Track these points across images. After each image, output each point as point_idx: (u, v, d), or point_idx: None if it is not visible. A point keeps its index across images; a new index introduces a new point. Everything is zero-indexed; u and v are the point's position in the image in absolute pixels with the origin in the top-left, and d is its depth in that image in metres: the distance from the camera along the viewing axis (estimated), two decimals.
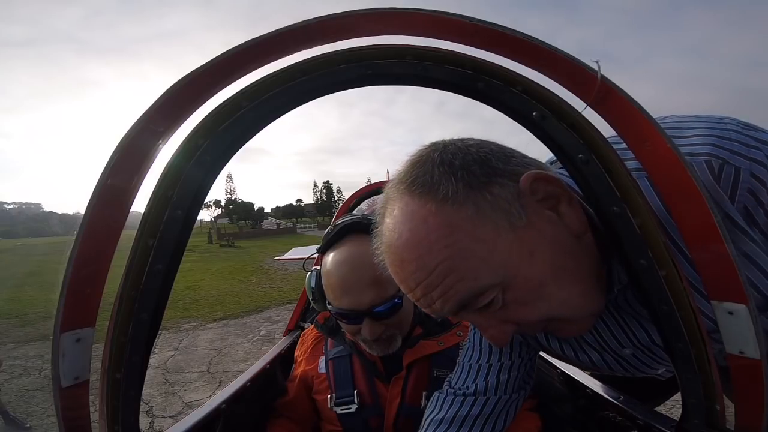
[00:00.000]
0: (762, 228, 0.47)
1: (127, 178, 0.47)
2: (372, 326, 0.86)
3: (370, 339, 0.88)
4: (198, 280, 11.43)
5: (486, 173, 0.46)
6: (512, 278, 0.46)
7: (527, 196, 0.46)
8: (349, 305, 0.84)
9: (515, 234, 0.45)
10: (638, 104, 0.43)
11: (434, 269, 0.45)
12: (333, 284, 0.86)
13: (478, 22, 0.43)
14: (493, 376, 0.74)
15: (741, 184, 0.46)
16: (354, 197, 1.78)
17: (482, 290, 0.46)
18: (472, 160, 0.46)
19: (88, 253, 0.47)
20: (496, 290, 0.47)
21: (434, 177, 0.46)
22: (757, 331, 0.42)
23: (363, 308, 0.84)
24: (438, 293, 0.47)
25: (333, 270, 0.86)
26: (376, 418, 0.93)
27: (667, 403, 2.87)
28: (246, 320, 6.56)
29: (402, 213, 0.47)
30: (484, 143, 0.50)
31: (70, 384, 0.48)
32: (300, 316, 1.63)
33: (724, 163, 0.46)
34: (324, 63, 0.47)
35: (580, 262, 0.49)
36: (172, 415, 3.43)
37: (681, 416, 0.55)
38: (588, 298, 0.51)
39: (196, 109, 0.47)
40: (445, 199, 0.45)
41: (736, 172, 0.46)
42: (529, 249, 0.46)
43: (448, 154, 0.47)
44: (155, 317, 0.52)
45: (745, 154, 0.46)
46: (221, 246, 28.72)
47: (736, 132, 0.48)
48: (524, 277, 0.46)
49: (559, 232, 0.47)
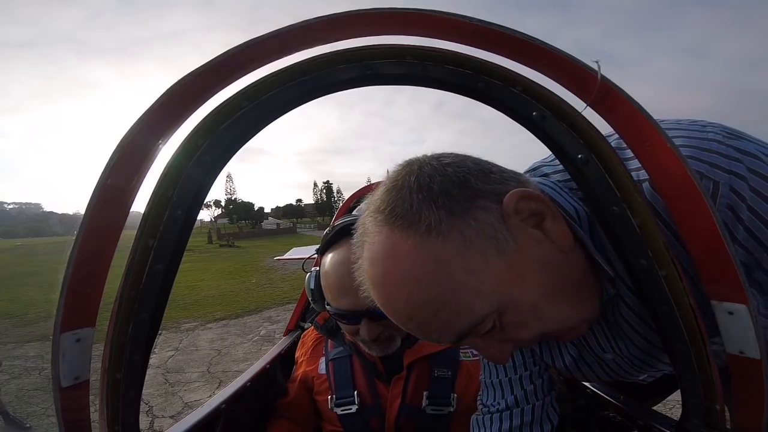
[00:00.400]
0: (742, 244, 0.45)
1: (127, 178, 0.47)
2: (370, 326, 0.86)
3: (368, 339, 0.88)
4: (198, 280, 11.44)
5: (466, 197, 0.44)
6: (506, 304, 0.45)
7: (512, 217, 0.44)
8: (347, 306, 0.85)
9: (504, 259, 0.43)
10: (638, 104, 0.43)
11: (426, 305, 0.44)
12: (331, 285, 0.86)
13: (478, 22, 0.43)
14: (519, 389, 0.74)
15: (720, 199, 0.44)
16: (354, 197, 1.78)
17: (479, 321, 0.45)
18: (450, 183, 0.44)
19: (88, 253, 0.47)
20: (492, 317, 0.45)
21: (413, 206, 0.43)
22: (757, 331, 0.42)
23: (361, 309, 0.83)
24: (434, 327, 0.46)
25: (331, 271, 0.87)
26: (376, 419, 0.93)
27: (667, 403, 2.88)
28: (246, 320, 6.56)
29: (383, 247, 0.45)
30: (460, 160, 0.47)
31: (70, 384, 0.48)
32: (300, 316, 1.63)
33: (702, 177, 0.44)
34: (324, 63, 0.47)
35: (570, 276, 0.48)
36: (172, 415, 3.43)
37: (681, 416, 0.55)
38: (581, 309, 0.50)
39: (196, 109, 0.47)
40: (428, 230, 0.42)
41: (715, 186, 0.44)
42: (520, 272, 0.44)
43: (425, 176, 0.45)
44: (155, 317, 0.52)
45: (725, 167, 0.44)
46: (221, 246, 28.73)
47: (717, 142, 0.46)
48: (518, 301, 0.45)
49: (546, 250, 0.46)
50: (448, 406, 0.91)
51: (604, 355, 0.61)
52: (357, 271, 0.50)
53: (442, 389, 0.93)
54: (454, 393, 0.93)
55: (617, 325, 0.56)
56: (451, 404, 0.91)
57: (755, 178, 0.44)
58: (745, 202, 0.44)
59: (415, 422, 0.92)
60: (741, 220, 0.45)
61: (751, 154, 0.45)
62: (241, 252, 23.21)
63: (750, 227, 0.45)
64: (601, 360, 0.63)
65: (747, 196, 0.44)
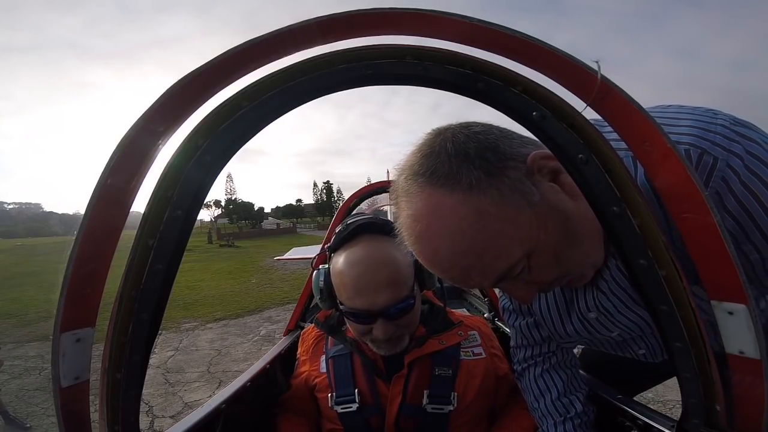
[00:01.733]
0: (732, 213, 0.51)
1: (127, 178, 0.47)
2: (385, 326, 0.85)
3: (382, 339, 0.87)
4: (198, 280, 11.44)
5: (499, 159, 0.50)
6: (535, 248, 0.52)
7: (535, 174, 0.51)
8: (363, 305, 0.84)
9: (532, 209, 0.50)
10: (638, 104, 0.43)
11: (469, 252, 0.51)
12: (347, 284, 0.85)
13: (478, 22, 0.43)
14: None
15: (716, 172, 0.50)
16: (354, 197, 1.78)
17: (514, 263, 0.52)
18: (483, 148, 0.50)
19: (88, 253, 0.47)
20: (524, 260, 0.53)
21: (453, 167, 0.49)
22: (757, 331, 0.43)
23: (377, 309, 0.83)
24: (476, 271, 0.53)
25: (347, 269, 0.85)
26: (376, 417, 0.93)
27: (667, 403, 2.88)
28: (246, 320, 6.56)
29: (428, 204, 0.51)
30: (487, 128, 0.53)
31: (70, 384, 0.48)
32: (300, 315, 1.63)
33: (703, 152, 0.50)
34: (324, 63, 0.47)
35: (582, 222, 0.54)
36: (172, 415, 3.43)
37: (681, 416, 0.55)
38: (592, 252, 0.58)
39: (196, 109, 0.47)
40: (470, 187, 0.49)
41: (714, 161, 0.50)
42: (544, 220, 0.51)
43: (459, 143, 0.51)
44: (155, 317, 0.52)
45: (725, 147, 0.50)
46: (221, 246, 28.72)
47: (723, 126, 0.52)
48: (544, 245, 0.52)
49: (562, 200, 0.53)
50: (449, 404, 0.91)
51: (588, 314, 0.70)
52: (399, 230, 0.56)
53: (442, 388, 0.93)
54: (454, 392, 0.93)
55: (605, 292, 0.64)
56: (451, 403, 0.91)
57: (752, 159, 0.50)
58: (739, 177, 0.50)
59: (416, 421, 0.92)
60: (732, 192, 0.50)
61: (751, 140, 0.51)
62: (241, 252, 23.22)
63: (741, 199, 0.50)
64: (585, 320, 0.72)
65: (741, 173, 0.50)
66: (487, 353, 1.01)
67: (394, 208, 0.57)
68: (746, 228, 0.52)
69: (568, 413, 0.84)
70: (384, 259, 0.84)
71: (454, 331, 1.00)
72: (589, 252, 0.58)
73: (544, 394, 0.88)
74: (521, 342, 0.91)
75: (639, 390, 1.26)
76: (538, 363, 0.90)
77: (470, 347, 1.01)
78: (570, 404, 0.85)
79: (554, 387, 0.87)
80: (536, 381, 0.89)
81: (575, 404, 0.85)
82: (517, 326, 0.89)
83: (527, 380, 0.91)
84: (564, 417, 0.84)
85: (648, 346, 0.76)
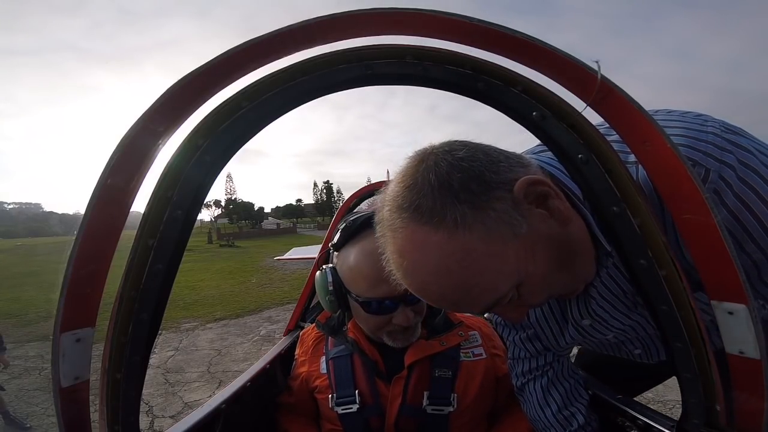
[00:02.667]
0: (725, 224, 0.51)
1: (127, 178, 0.47)
2: (406, 312, 0.88)
3: (403, 326, 0.89)
4: (198, 280, 11.43)
5: (484, 190, 0.48)
6: (523, 278, 0.51)
7: (522, 202, 0.49)
8: (385, 293, 0.85)
9: (519, 241, 0.49)
10: (638, 104, 0.43)
11: (457, 288, 0.50)
12: (366, 274, 0.86)
13: (478, 22, 0.43)
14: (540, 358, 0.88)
15: (708, 184, 0.49)
16: (354, 197, 1.78)
17: (502, 296, 0.52)
18: (468, 179, 0.48)
19: (88, 253, 0.47)
20: (513, 291, 0.52)
21: (437, 203, 0.47)
22: (757, 331, 0.43)
23: (399, 294, 0.85)
24: (465, 304, 0.53)
25: (364, 260, 0.86)
26: (377, 418, 0.93)
27: (667, 403, 2.87)
28: (246, 320, 6.56)
29: (413, 242, 0.50)
30: (472, 153, 0.50)
31: (70, 384, 0.48)
32: (300, 315, 1.63)
33: (695, 164, 0.49)
34: (324, 63, 0.47)
35: (571, 246, 0.53)
36: (172, 415, 3.43)
37: (681, 416, 0.55)
38: (582, 272, 0.58)
39: (196, 109, 0.47)
40: (455, 224, 0.47)
41: (706, 172, 0.49)
42: (532, 250, 0.50)
43: (442, 173, 0.48)
44: (155, 317, 0.52)
45: (717, 157, 0.49)
46: (221, 246, 28.71)
47: (714, 135, 0.50)
48: (532, 275, 0.51)
49: (551, 226, 0.51)
50: (449, 405, 0.91)
51: (582, 321, 0.70)
52: (386, 262, 0.56)
53: (442, 389, 0.93)
54: (454, 393, 0.93)
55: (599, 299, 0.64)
56: (451, 404, 0.91)
57: (744, 169, 0.49)
58: (732, 189, 0.49)
59: (416, 422, 0.92)
60: (725, 204, 0.49)
61: (743, 148, 0.50)
62: (241, 252, 23.22)
63: (734, 210, 0.49)
64: (580, 326, 0.71)
65: (734, 183, 0.49)
66: (487, 354, 1.01)
67: (380, 240, 0.56)
68: (739, 239, 0.51)
69: (570, 426, 0.84)
70: None
71: (454, 332, 1.00)
72: (579, 272, 0.58)
73: (544, 409, 0.87)
74: (519, 354, 0.90)
75: (639, 390, 1.26)
76: (537, 377, 0.89)
77: (470, 348, 1.01)
78: (572, 416, 0.85)
79: (554, 401, 0.86)
80: (536, 395, 0.89)
81: (577, 417, 0.84)
82: (514, 340, 0.89)
83: (527, 394, 0.90)
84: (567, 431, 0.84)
85: (644, 346, 0.76)
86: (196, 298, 8.66)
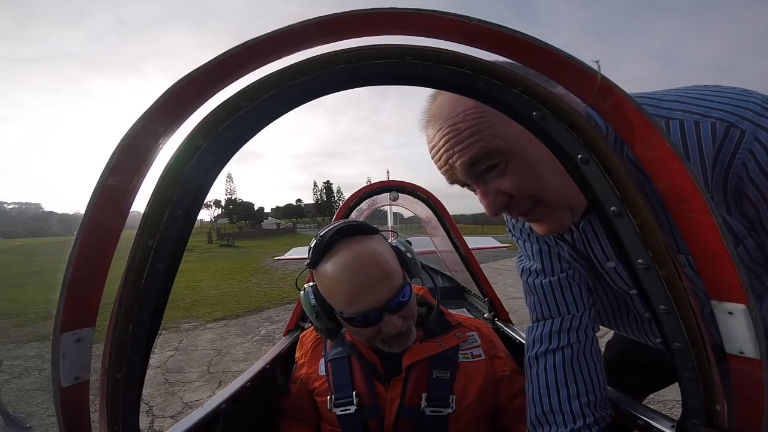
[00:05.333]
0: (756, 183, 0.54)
1: (127, 178, 0.47)
2: (393, 320, 0.84)
3: (393, 334, 0.86)
4: (198, 280, 11.43)
5: None
6: (517, 153, 0.59)
7: None
8: (367, 306, 0.82)
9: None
10: (638, 104, 0.43)
11: (462, 131, 0.59)
12: (345, 291, 0.82)
13: (478, 22, 0.43)
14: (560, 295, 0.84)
15: (743, 144, 0.53)
16: (354, 197, 1.78)
17: (492, 151, 0.59)
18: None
19: (88, 253, 0.47)
20: (502, 158, 0.60)
21: None
22: (757, 331, 0.43)
23: (381, 305, 0.82)
24: (459, 149, 0.60)
25: (338, 276, 0.82)
26: (375, 420, 0.93)
27: (667, 403, 2.87)
28: (246, 320, 6.56)
29: (449, 96, 0.62)
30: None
31: (70, 384, 0.48)
32: (300, 316, 1.63)
33: (730, 125, 0.53)
34: (324, 63, 0.47)
35: None
36: (172, 415, 3.42)
37: (681, 416, 0.55)
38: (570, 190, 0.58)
39: (196, 109, 0.47)
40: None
41: (741, 134, 0.53)
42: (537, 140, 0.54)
43: None
44: (155, 317, 0.52)
45: (754, 121, 0.52)
46: (221, 246, 28.70)
47: (754, 103, 0.54)
48: (527, 155, 0.58)
49: None
50: (447, 407, 0.91)
51: (607, 264, 0.71)
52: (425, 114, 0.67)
53: (440, 391, 0.93)
54: (453, 394, 0.92)
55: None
56: (450, 406, 0.91)
57: None
58: (765, 149, 0.52)
59: (414, 424, 0.91)
60: (758, 162, 0.53)
61: None
62: (241, 252, 23.21)
63: (766, 170, 0.53)
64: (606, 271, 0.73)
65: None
66: (486, 354, 1.00)
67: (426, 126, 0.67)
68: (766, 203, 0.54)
69: (575, 424, 0.75)
70: (371, 256, 0.84)
71: (452, 334, 1.00)
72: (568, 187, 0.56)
73: (552, 393, 0.78)
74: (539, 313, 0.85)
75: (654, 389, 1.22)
76: (556, 351, 0.80)
77: (469, 349, 1.00)
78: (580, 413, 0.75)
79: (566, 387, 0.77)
80: (547, 373, 0.80)
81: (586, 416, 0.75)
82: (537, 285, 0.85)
83: (538, 370, 0.81)
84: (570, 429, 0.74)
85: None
86: (196, 298, 8.66)
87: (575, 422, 0.75)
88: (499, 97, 0.46)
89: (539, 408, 0.80)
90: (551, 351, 0.81)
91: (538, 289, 0.86)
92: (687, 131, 0.56)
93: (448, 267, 3.22)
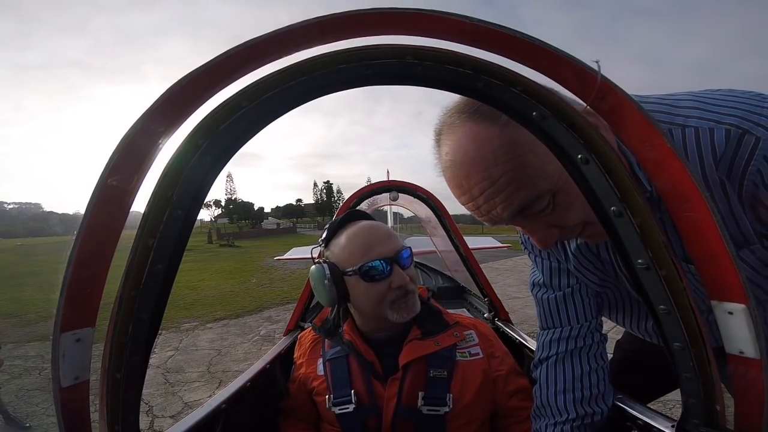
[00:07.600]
0: None
1: (127, 178, 0.47)
2: (401, 274, 0.93)
3: (403, 289, 0.92)
4: (198, 280, 11.43)
5: None
6: (561, 185, 0.55)
7: None
8: (380, 254, 0.92)
9: None
10: (638, 104, 0.43)
11: (498, 179, 0.54)
12: (360, 243, 0.93)
13: (478, 22, 0.43)
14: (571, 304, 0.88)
15: (759, 151, 0.52)
16: (354, 197, 1.78)
17: (539, 195, 0.55)
18: None
19: (88, 253, 0.47)
20: (548, 196, 0.56)
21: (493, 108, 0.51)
22: (757, 331, 0.43)
23: (392, 254, 0.92)
24: (501, 199, 0.55)
25: (353, 237, 0.95)
26: (373, 419, 0.93)
27: (667, 403, 2.87)
28: (246, 320, 6.56)
29: (466, 136, 0.56)
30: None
31: (70, 384, 0.48)
32: (300, 315, 1.63)
33: (745, 132, 0.52)
34: (324, 63, 0.47)
35: None
36: (172, 415, 3.43)
37: (681, 416, 0.55)
38: None
39: (196, 109, 0.47)
40: (508, 123, 0.52)
41: (756, 140, 0.52)
42: None
43: None
44: (155, 317, 0.52)
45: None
46: (221, 246, 28.69)
47: None
48: (569, 185, 0.53)
49: None
50: (444, 406, 0.91)
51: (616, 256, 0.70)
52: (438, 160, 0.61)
53: (437, 390, 0.93)
54: (449, 393, 0.92)
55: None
56: (447, 404, 0.91)
57: None
58: None
59: (412, 422, 0.91)
60: None
61: None
62: (241, 252, 23.21)
63: None
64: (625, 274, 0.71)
65: None
66: (484, 354, 1.00)
67: (435, 149, 0.62)
68: None
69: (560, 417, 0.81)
70: (377, 223, 1.01)
71: (449, 332, 1.00)
72: None
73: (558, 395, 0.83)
74: (545, 322, 0.91)
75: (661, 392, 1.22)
76: (557, 355, 0.87)
77: (467, 347, 1.00)
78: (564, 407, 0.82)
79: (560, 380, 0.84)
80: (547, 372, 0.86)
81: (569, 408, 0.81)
82: (544, 299, 0.90)
83: (540, 371, 0.88)
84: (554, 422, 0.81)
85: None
86: (196, 298, 8.66)
87: (560, 415, 0.82)
88: (498, 97, 0.46)
89: (536, 401, 0.87)
90: (553, 355, 0.88)
91: (544, 303, 0.91)
92: (702, 138, 0.55)
93: (448, 267, 3.22)
